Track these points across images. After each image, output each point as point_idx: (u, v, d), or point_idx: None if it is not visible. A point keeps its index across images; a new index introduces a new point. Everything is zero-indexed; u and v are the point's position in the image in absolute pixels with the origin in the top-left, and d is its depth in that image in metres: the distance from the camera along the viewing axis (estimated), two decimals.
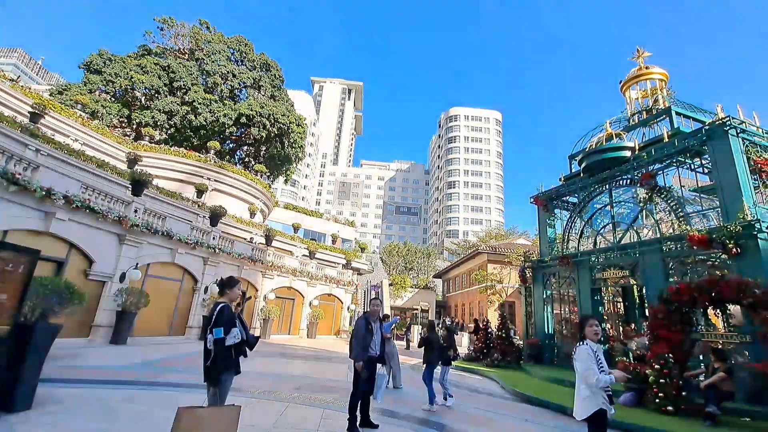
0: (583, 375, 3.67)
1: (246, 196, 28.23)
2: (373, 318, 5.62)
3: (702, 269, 10.45)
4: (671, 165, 12.34)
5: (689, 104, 14.45)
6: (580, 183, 15.26)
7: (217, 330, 3.95)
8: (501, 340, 15.72)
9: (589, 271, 13.89)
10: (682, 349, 8.59)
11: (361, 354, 5.30)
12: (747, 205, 9.60)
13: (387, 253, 54.61)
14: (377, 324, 5.63)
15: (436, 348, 7.65)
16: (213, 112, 31.20)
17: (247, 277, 20.28)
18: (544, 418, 7.48)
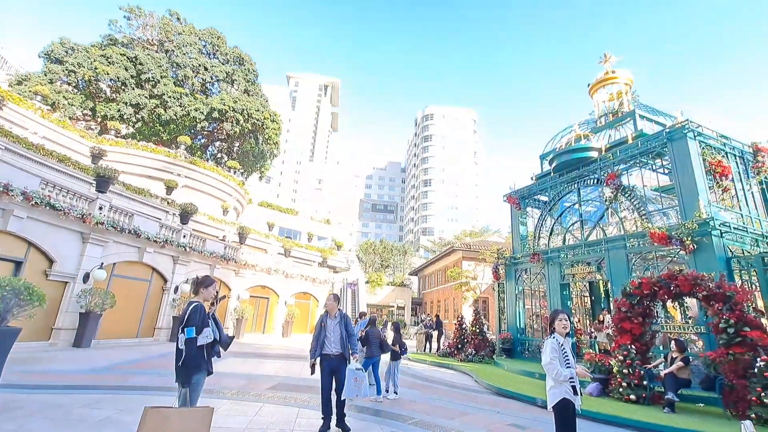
0: (546, 368, 3.86)
1: (218, 193, 27.54)
2: (330, 315, 5.46)
3: (662, 264, 11.03)
4: (635, 165, 12.93)
5: (652, 108, 15.18)
6: (550, 182, 15.75)
7: (189, 329, 3.87)
8: (475, 336, 16.07)
9: (559, 267, 14.39)
10: (644, 341, 9.05)
11: (313, 351, 5.40)
12: (702, 204, 10.20)
13: (363, 251, 54.61)
14: (334, 321, 5.40)
15: (373, 342, 7.80)
16: (183, 106, 30.20)
17: (219, 276, 19.82)
18: (514, 410, 7.71)
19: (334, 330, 5.37)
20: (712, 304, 7.89)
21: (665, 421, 6.77)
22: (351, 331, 5.43)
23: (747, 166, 12.06)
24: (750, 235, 10.60)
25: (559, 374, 3.78)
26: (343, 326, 5.41)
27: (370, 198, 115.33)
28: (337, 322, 5.43)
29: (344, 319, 5.45)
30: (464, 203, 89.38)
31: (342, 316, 5.50)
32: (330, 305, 5.51)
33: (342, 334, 5.40)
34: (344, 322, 5.43)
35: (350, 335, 5.41)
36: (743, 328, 7.31)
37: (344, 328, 5.40)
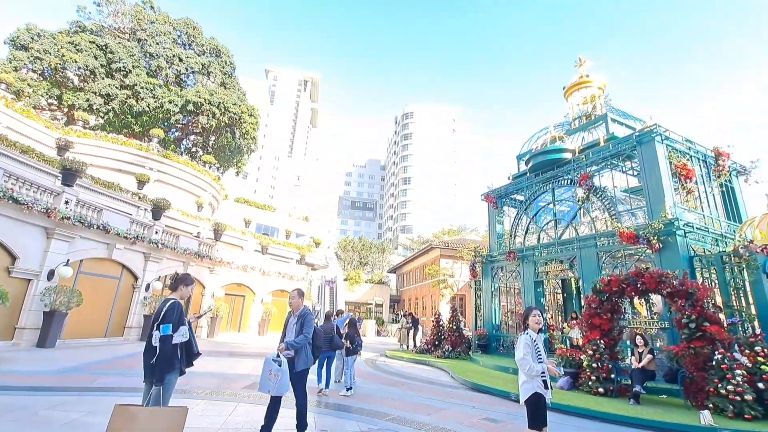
0: (519, 363, 3.99)
1: (193, 188, 26.80)
2: (294, 313, 5.01)
3: (630, 263, 11.48)
4: (606, 167, 13.40)
5: (623, 112, 15.73)
6: (526, 182, 16.12)
7: (165, 326, 3.80)
8: (452, 332, 16.29)
9: (533, 264, 14.76)
10: (612, 336, 9.42)
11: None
12: (668, 205, 10.68)
13: (342, 248, 54.41)
14: (294, 319, 4.94)
15: (324, 338, 7.79)
16: (157, 97, 29.16)
17: (193, 273, 19.30)
18: (489, 404, 7.89)
19: (291, 329, 4.88)
20: (675, 300, 8.28)
21: (631, 413, 7.08)
22: (307, 331, 4.80)
23: (709, 169, 12.69)
24: (711, 235, 11.18)
25: (531, 369, 3.91)
26: (299, 325, 4.85)
27: (350, 195, 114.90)
28: (295, 321, 4.91)
29: (303, 318, 4.88)
30: (443, 201, 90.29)
31: (301, 314, 4.92)
32: (294, 302, 5.03)
33: (313, 333, 5.00)
34: (302, 321, 4.86)
35: (305, 335, 4.80)
36: (703, 323, 7.71)
37: (300, 327, 4.84)
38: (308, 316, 4.88)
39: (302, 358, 4.75)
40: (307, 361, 4.79)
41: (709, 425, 6.28)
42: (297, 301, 5.01)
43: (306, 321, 4.84)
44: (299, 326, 4.84)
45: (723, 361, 7.15)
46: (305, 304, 5.16)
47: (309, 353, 4.85)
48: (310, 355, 4.86)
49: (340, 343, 8.17)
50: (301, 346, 4.74)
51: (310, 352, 4.88)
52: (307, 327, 4.81)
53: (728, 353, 7.24)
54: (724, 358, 7.17)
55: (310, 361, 4.85)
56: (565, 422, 6.81)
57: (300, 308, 4.99)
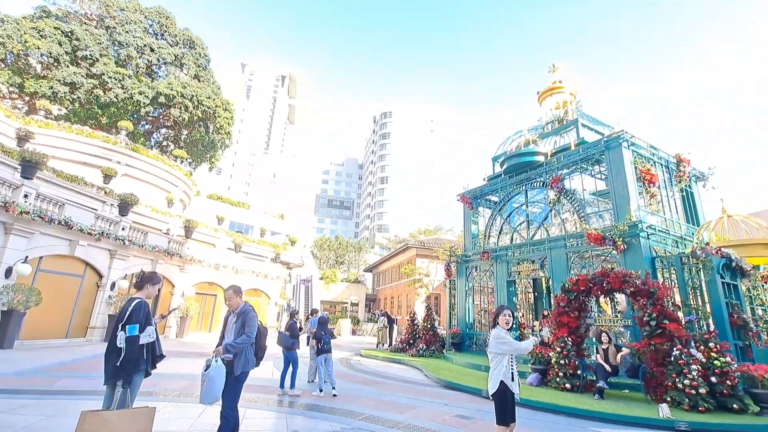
0: (498, 349, 4.12)
1: (163, 183, 25.90)
2: (233, 311, 4.46)
3: (597, 263, 11.94)
4: (576, 171, 13.86)
5: (593, 118, 16.30)
6: (501, 183, 16.47)
7: (132, 327, 3.69)
8: (426, 331, 16.46)
9: (506, 264, 15.11)
10: (579, 333, 9.76)
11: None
12: (633, 208, 11.17)
13: (318, 247, 53.95)
14: (234, 318, 4.40)
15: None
16: (126, 88, 27.98)
17: (162, 271, 18.69)
18: (461, 401, 8.03)
19: (231, 329, 4.36)
20: (638, 299, 8.67)
21: (595, 407, 7.36)
22: (249, 331, 4.25)
23: (671, 174, 13.36)
24: (671, 237, 11.77)
25: (518, 348, 4.16)
26: (240, 324, 4.31)
27: (327, 194, 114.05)
28: (235, 320, 4.40)
29: (243, 316, 4.34)
30: (420, 201, 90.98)
31: (242, 312, 4.38)
32: (233, 302, 4.46)
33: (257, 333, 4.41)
34: (243, 319, 4.32)
35: (247, 335, 4.24)
36: (663, 321, 8.10)
37: (241, 326, 4.30)
38: (249, 313, 4.36)
39: (242, 360, 4.22)
40: (246, 364, 4.26)
41: (666, 418, 6.61)
42: (235, 299, 4.46)
43: (247, 319, 4.32)
44: (240, 325, 4.33)
45: (680, 356, 7.54)
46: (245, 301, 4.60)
47: (250, 355, 4.34)
48: (251, 357, 4.36)
49: (287, 342, 8.09)
50: (244, 347, 4.22)
51: (252, 354, 4.38)
52: (249, 326, 4.29)
53: (685, 349, 7.65)
54: (682, 353, 7.56)
55: (250, 364, 4.33)
56: (532, 417, 7.01)
57: (239, 306, 4.46)
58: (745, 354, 9.28)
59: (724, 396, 7.17)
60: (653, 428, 6.49)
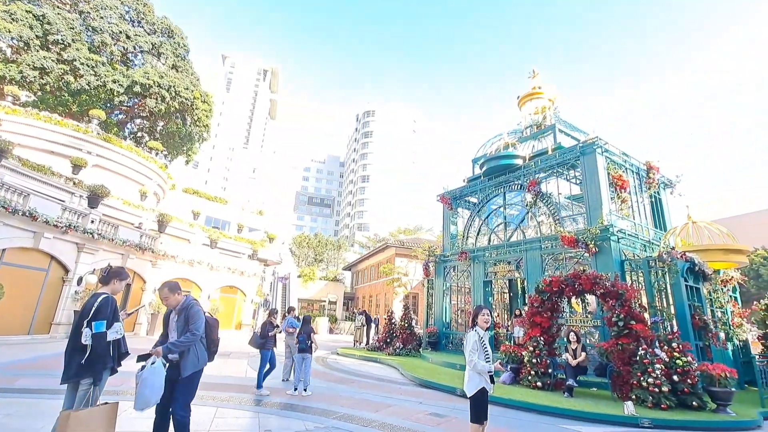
0: (468, 360, 4.17)
1: (136, 175, 25.07)
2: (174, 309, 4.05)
3: (569, 265, 12.27)
4: (552, 175, 14.19)
5: (570, 124, 16.73)
6: (480, 185, 16.70)
7: (99, 323, 3.58)
8: (403, 330, 16.53)
9: (483, 265, 15.34)
10: (551, 333, 10.01)
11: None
12: (605, 213, 11.53)
13: (297, 244, 53.41)
14: (174, 316, 4.02)
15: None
16: (99, 75, 26.89)
17: (133, 267, 18.12)
18: (436, 400, 8.10)
19: (174, 327, 3.96)
20: (607, 300, 8.96)
21: (564, 405, 7.57)
22: (194, 327, 3.84)
23: (641, 181, 13.86)
24: (640, 241, 12.23)
25: (475, 366, 4.11)
26: (183, 321, 3.92)
27: (307, 191, 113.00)
28: (176, 320, 3.99)
29: (186, 311, 3.93)
30: (400, 201, 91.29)
31: (183, 307, 3.96)
32: (171, 301, 4.00)
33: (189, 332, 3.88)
34: (185, 315, 3.91)
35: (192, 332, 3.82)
36: (630, 322, 8.40)
37: (184, 323, 3.90)
38: (193, 308, 3.94)
39: (191, 359, 3.81)
40: (197, 362, 3.89)
41: (630, 415, 6.87)
42: (172, 298, 3.97)
43: (191, 315, 3.90)
44: (183, 322, 3.90)
45: (645, 356, 7.84)
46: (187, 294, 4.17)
47: (201, 352, 3.94)
48: (202, 354, 3.96)
49: (257, 342, 7.99)
50: (189, 345, 3.81)
51: (202, 350, 3.97)
52: (193, 322, 3.86)
53: (650, 349, 7.95)
54: (647, 353, 7.86)
55: (201, 361, 3.95)
56: (504, 415, 7.14)
57: (179, 303, 4.00)
58: (704, 354, 9.74)
59: (685, 394, 7.51)
60: (619, 425, 6.73)
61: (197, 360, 3.90)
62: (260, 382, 7.75)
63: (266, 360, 7.92)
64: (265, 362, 7.90)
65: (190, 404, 3.87)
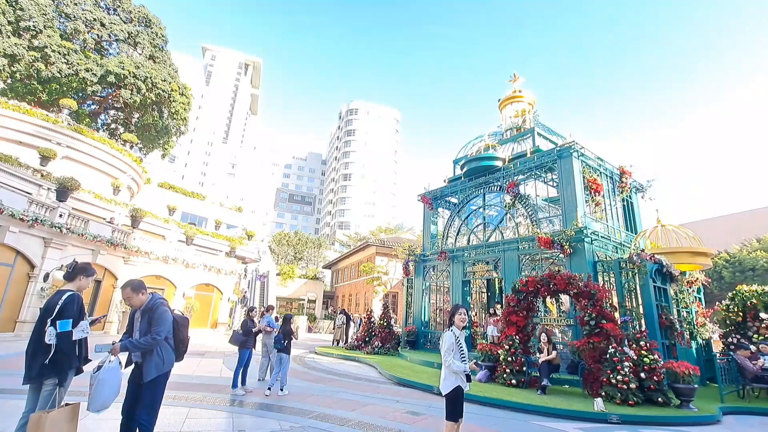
0: (444, 359, 4.20)
1: (109, 168, 24.17)
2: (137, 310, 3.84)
3: (545, 265, 12.55)
4: (531, 177, 14.49)
5: (548, 128, 17.10)
6: (460, 186, 16.88)
7: (64, 322, 3.45)
8: (382, 329, 16.56)
9: (462, 265, 15.52)
10: (526, 332, 10.23)
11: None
12: (580, 215, 11.85)
13: (277, 242, 52.71)
14: (138, 315, 3.80)
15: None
16: (71, 63, 25.78)
17: (104, 263, 17.50)
18: (413, 398, 8.15)
19: (138, 329, 3.74)
20: (580, 300, 9.22)
21: (537, 402, 7.76)
22: (157, 329, 3.60)
23: (615, 185, 14.32)
24: (612, 243, 12.63)
25: (450, 366, 4.16)
26: (146, 321, 3.69)
27: (288, 188, 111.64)
28: (139, 320, 3.77)
29: (151, 311, 3.70)
30: (382, 200, 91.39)
31: (148, 307, 3.73)
32: (134, 301, 3.77)
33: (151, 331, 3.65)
34: (149, 316, 3.69)
35: (154, 335, 3.58)
36: (601, 321, 8.68)
37: (147, 324, 3.68)
38: (158, 309, 3.68)
39: (154, 362, 3.56)
40: (161, 365, 3.62)
41: (600, 411, 7.09)
42: (136, 298, 3.74)
43: (155, 315, 3.64)
44: (146, 323, 3.66)
45: (615, 354, 8.11)
46: (153, 293, 3.92)
47: (167, 354, 3.69)
48: (168, 356, 3.70)
49: (238, 339, 7.89)
50: (149, 348, 3.56)
51: (168, 351, 3.71)
52: (156, 325, 3.60)
53: (619, 347, 8.24)
54: (616, 351, 8.14)
55: (167, 364, 3.68)
56: (479, 412, 7.25)
57: (143, 304, 3.77)
58: (670, 352, 10.15)
59: (651, 390, 7.81)
60: (589, 421, 6.93)
61: (162, 363, 3.65)
62: (236, 381, 7.62)
63: (244, 359, 7.79)
64: (243, 361, 7.77)
65: (156, 410, 3.66)
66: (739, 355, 9.38)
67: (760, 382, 8.96)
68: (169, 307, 3.85)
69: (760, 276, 33.85)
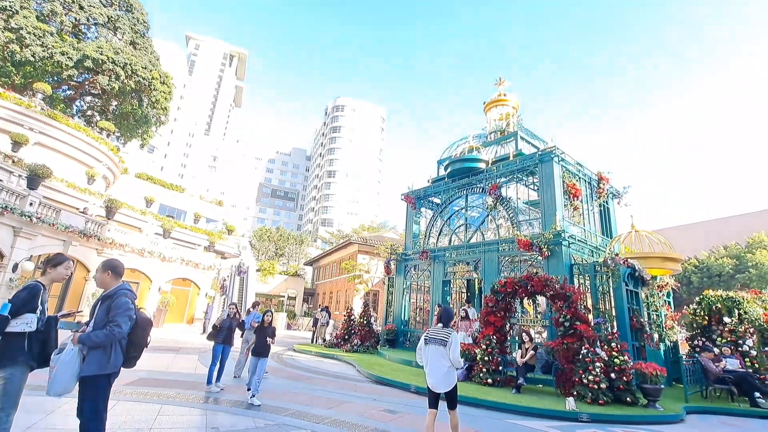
0: (458, 359, 5.00)
1: (84, 157, 23.34)
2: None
3: (524, 267, 12.79)
4: (513, 180, 14.71)
5: (531, 132, 17.39)
6: (444, 186, 17.01)
7: (4, 305, 3.12)
8: (362, 327, 16.56)
9: (443, 265, 15.66)
10: (503, 332, 10.40)
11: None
12: (558, 219, 12.12)
13: (258, 238, 52.03)
14: (98, 304, 3.37)
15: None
16: (47, 46, 24.77)
17: (76, 254, 16.92)
18: (390, 396, 8.19)
19: (95, 316, 3.32)
20: (556, 301, 9.43)
21: (512, 401, 7.91)
22: (114, 327, 3.12)
23: (592, 190, 14.69)
24: (588, 247, 12.97)
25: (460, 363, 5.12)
26: (103, 312, 3.25)
27: (271, 183, 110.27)
28: (99, 305, 3.35)
29: (110, 301, 3.27)
30: (366, 198, 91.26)
31: (108, 295, 3.33)
32: (98, 278, 3.46)
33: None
34: (108, 305, 3.25)
35: (110, 330, 3.11)
36: (576, 322, 8.90)
37: (105, 315, 3.23)
38: (119, 299, 3.26)
39: (98, 357, 3.11)
40: (105, 365, 3.13)
41: (571, 410, 7.29)
42: (101, 276, 3.43)
43: (114, 307, 3.22)
44: (103, 313, 3.25)
45: (587, 355, 8.34)
46: (123, 282, 3.52)
47: (114, 352, 3.19)
48: (115, 356, 3.20)
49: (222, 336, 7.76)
50: (106, 344, 3.13)
51: (116, 351, 3.21)
52: (115, 317, 3.18)
53: (592, 348, 8.47)
54: (588, 352, 8.37)
55: (112, 365, 3.18)
56: None
57: (110, 288, 3.39)
58: (640, 353, 10.51)
59: (621, 390, 8.07)
60: (560, 419, 7.11)
61: (106, 361, 3.15)
62: (210, 378, 7.48)
63: (218, 355, 7.65)
64: (217, 357, 7.63)
65: (103, 415, 3.16)
66: (704, 357, 9.78)
67: (721, 384, 9.37)
68: (134, 303, 3.41)
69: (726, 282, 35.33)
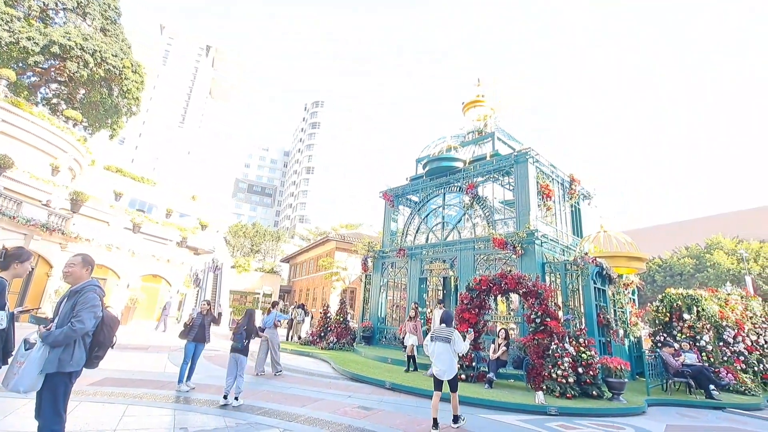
0: (464, 347, 6.15)
1: (48, 147, 22.21)
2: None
3: (499, 265, 13.05)
4: (489, 180, 14.98)
5: (508, 133, 17.72)
6: (422, 185, 17.14)
7: None
8: (338, 324, 16.50)
9: (420, 262, 15.80)
10: (477, 329, 10.59)
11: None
12: (532, 218, 12.43)
13: (233, 233, 50.98)
14: (64, 299, 3.24)
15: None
16: (12, 31, 23.41)
17: (38, 249, 16.13)
18: (365, 393, 8.21)
19: (60, 312, 3.19)
20: (528, 299, 9.69)
21: (484, 395, 8.08)
22: (77, 325, 2.98)
23: (565, 191, 15.14)
24: (560, 246, 13.36)
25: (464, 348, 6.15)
26: (69, 308, 3.13)
27: (248, 178, 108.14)
28: (65, 301, 3.22)
29: (77, 297, 3.14)
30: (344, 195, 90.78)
31: (76, 291, 3.20)
32: (72, 272, 3.28)
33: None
34: (74, 302, 3.12)
35: (72, 326, 2.98)
36: (546, 319, 9.16)
37: (70, 311, 3.10)
38: (87, 295, 3.13)
39: (58, 355, 2.97)
40: (66, 362, 2.99)
41: (540, 404, 7.51)
42: (78, 271, 3.28)
43: (81, 302, 3.08)
44: (70, 307, 3.11)
45: (556, 350, 8.62)
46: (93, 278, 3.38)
47: (76, 350, 3.05)
48: (77, 355, 3.05)
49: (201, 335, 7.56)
50: (67, 342, 2.99)
51: (79, 350, 3.07)
52: (79, 312, 3.04)
53: (561, 344, 8.75)
54: (558, 347, 8.64)
55: (74, 363, 3.03)
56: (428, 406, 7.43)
57: (79, 282, 3.25)
58: (606, 348, 10.93)
59: (587, 384, 8.38)
60: (530, 413, 7.32)
61: (68, 359, 3.00)
62: (182, 376, 7.29)
63: (190, 353, 7.46)
64: (189, 356, 7.44)
65: (62, 415, 3.03)
66: (665, 351, 10.27)
67: (680, 377, 9.87)
68: (102, 300, 3.27)
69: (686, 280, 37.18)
